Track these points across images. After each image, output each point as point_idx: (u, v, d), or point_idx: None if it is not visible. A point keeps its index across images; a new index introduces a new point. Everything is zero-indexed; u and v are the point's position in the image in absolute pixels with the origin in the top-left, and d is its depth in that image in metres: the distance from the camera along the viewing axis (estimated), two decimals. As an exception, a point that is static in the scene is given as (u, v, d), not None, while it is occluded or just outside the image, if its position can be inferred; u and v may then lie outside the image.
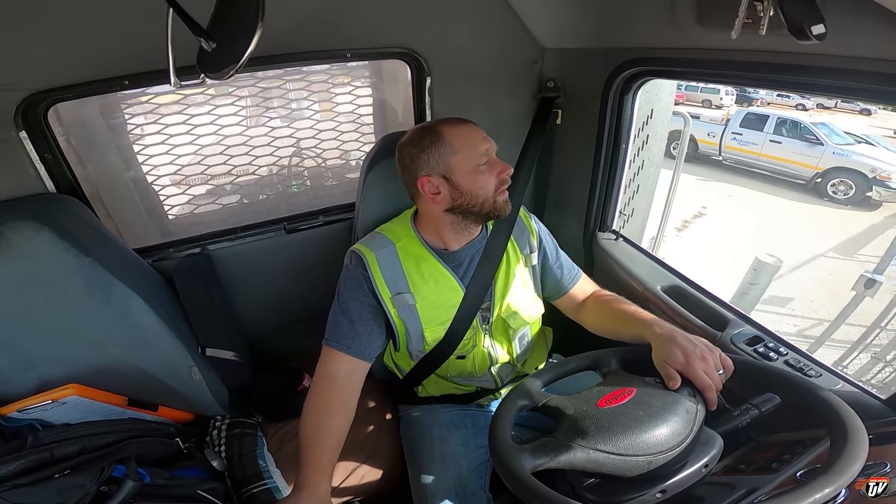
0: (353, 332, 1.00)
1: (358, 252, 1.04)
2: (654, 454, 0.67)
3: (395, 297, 1.02)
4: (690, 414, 0.71)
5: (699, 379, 0.76)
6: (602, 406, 0.73)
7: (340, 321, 1.01)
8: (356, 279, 1.03)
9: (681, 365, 0.77)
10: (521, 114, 1.53)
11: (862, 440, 0.59)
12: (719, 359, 0.79)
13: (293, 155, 1.82)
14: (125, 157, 1.54)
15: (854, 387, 0.91)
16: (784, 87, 0.99)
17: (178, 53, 0.56)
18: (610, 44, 1.26)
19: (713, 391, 0.75)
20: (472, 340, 1.11)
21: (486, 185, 0.98)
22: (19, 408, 0.94)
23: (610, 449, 0.67)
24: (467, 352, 1.12)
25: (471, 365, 1.13)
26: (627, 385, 0.77)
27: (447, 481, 1.05)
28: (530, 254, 1.14)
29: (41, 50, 0.99)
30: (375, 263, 1.02)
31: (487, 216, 1.02)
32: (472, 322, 1.08)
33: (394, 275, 1.03)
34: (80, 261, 1.00)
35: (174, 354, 1.13)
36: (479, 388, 1.20)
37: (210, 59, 0.54)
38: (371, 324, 1.02)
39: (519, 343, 1.16)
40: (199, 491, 0.96)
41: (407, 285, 1.03)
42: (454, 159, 0.96)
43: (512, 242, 1.12)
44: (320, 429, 0.91)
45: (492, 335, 1.13)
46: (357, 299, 1.02)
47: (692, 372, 0.76)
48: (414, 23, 1.32)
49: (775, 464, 0.72)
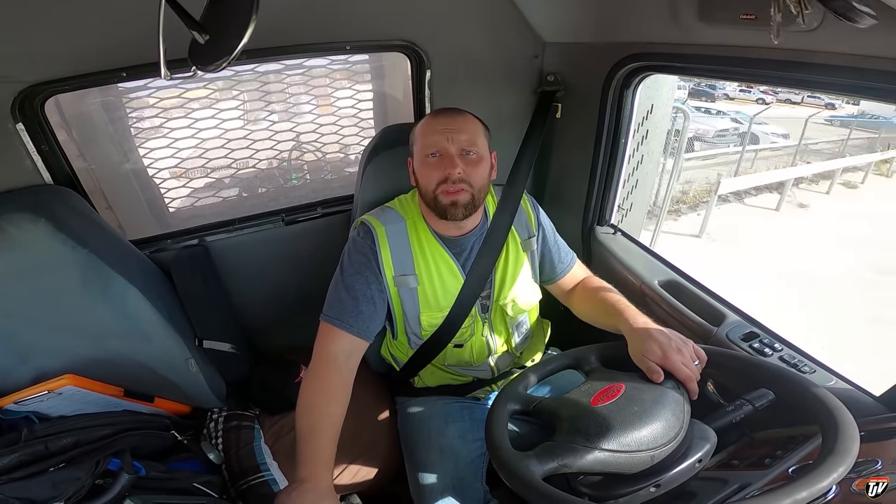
0: (356, 310, 0.97)
1: (367, 224, 1.02)
2: (656, 448, 0.67)
3: (398, 277, 1.01)
4: (679, 405, 0.73)
5: (679, 371, 0.77)
6: (596, 404, 0.74)
7: (343, 297, 0.98)
8: (363, 252, 1.01)
9: (658, 358, 0.79)
10: (521, 108, 1.52)
11: (853, 437, 0.60)
12: (693, 350, 0.82)
13: (293, 149, 1.81)
14: (126, 149, 1.54)
15: (847, 384, 0.91)
16: (787, 83, 0.99)
17: (176, 45, 0.55)
18: (611, 38, 1.26)
19: (693, 381, 0.78)
20: (470, 329, 1.11)
21: (428, 177, 0.97)
22: (15, 399, 0.94)
23: (614, 447, 0.67)
24: (465, 340, 1.12)
25: (469, 354, 1.13)
26: (614, 381, 0.78)
27: (444, 474, 1.05)
28: (528, 238, 1.14)
29: (38, 42, 0.98)
30: (385, 238, 1.01)
31: (436, 212, 1.00)
32: (470, 310, 1.08)
33: (401, 253, 1.01)
34: (77, 252, 0.99)
35: (171, 346, 1.13)
36: (475, 378, 1.20)
37: (203, 52, 0.53)
38: (375, 301, 1.00)
39: (517, 331, 1.16)
40: (195, 484, 0.96)
41: (412, 266, 1.02)
42: (416, 147, 1.02)
43: (511, 229, 1.12)
44: (320, 417, 0.90)
45: (491, 324, 1.13)
46: (362, 274, 1.00)
47: (671, 364, 0.78)
48: (414, 15, 1.31)
49: (768, 460, 0.72)
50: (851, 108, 13.74)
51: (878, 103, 5.44)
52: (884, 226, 6.59)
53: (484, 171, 1.00)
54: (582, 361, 0.89)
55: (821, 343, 1.78)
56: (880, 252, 5.83)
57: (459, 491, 1.03)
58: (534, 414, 0.80)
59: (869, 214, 7.27)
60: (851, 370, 0.93)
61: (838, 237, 6.41)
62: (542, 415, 0.79)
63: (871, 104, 11.19)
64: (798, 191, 8.25)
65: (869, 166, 9.35)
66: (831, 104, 14.33)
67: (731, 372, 0.84)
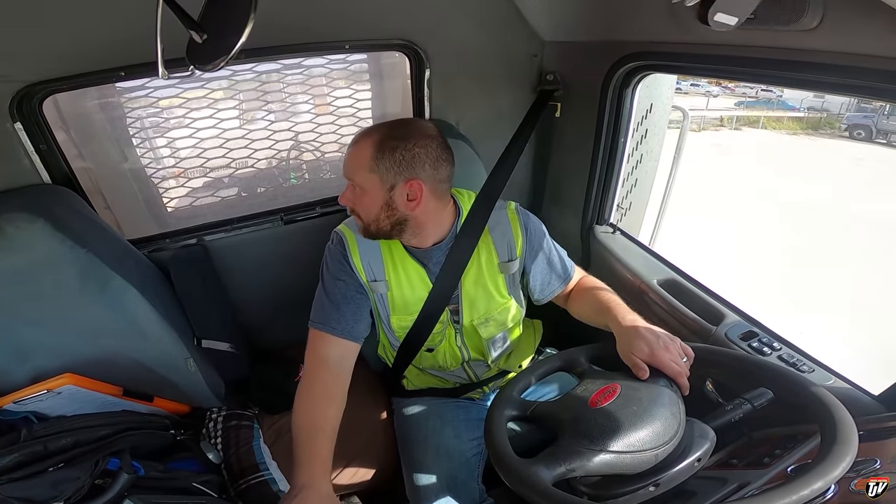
0: (338, 314, 0.99)
1: (339, 232, 1.05)
2: (658, 447, 0.67)
3: (371, 283, 1.03)
4: (675, 403, 0.73)
5: (668, 367, 0.78)
6: (594, 406, 0.74)
7: (324, 302, 1.01)
8: (337, 259, 1.03)
9: (646, 356, 0.79)
10: (520, 106, 1.52)
11: (852, 436, 0.59)
12: (680, 347, 0.82)
13: (291, 148, 1.81)
14: (124, 149, 1.53)
15: (846, 383, 0.91)
16: (785, 83, 0.99)
17: (174, 45, 0.55)
18: (610, 37, 1.25)
19: (683, 377, 0.79)
20: (440, 335, 1.10)
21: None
22: (14, 399, 0.94)
23: (619, 448, 0.67)
24: (436, 345, 1.12)
25: (441, 359, 1.14)
26: (608, 381, 0.78)
27: (441, 474, 1.05)
28: (509, 261, 1.08)
29: (36, 41, 0.98)
30: (355, 244, 1.02)
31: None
32: (440, 317, 1.07)
33: (371, 260, 1.03)
34: (75, 252, 0.99)
35: (170, 346, 1.13)
36: (458, 383, 1.20)
37: (200, 51, 0.53)
38: (357, 303, 1.02)
39: (493, 347, 1.14)
40: (194, 483, 0.96)
41: (383, 273, 1.03)
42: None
43: (489, 246, 1.07)
44: (316, 420, 0.90)
45: (462, 334, 1.12)
46: (340, 279, 1.02)
47: (659, 361, 0.78)
48: (413, 14, 1.31)
49: (767, 459, 0.72)
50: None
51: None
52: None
53: (369, 203, 0.96)
54: (573, 363, 0.89)
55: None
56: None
57: (455, 490, 1.03)
58: (532, 419, 0.80)
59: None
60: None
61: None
62: (541, 420, 0.78)
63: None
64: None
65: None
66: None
67: (730, 371, 0.84)
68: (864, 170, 11.64)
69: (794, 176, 10.20)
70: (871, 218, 7.72)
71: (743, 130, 16.84)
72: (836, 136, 15.65)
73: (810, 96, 15.30)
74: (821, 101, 16.69)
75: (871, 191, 9.41)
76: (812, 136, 16.27)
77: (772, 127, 17.24)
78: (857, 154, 12.99)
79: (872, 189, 9.51)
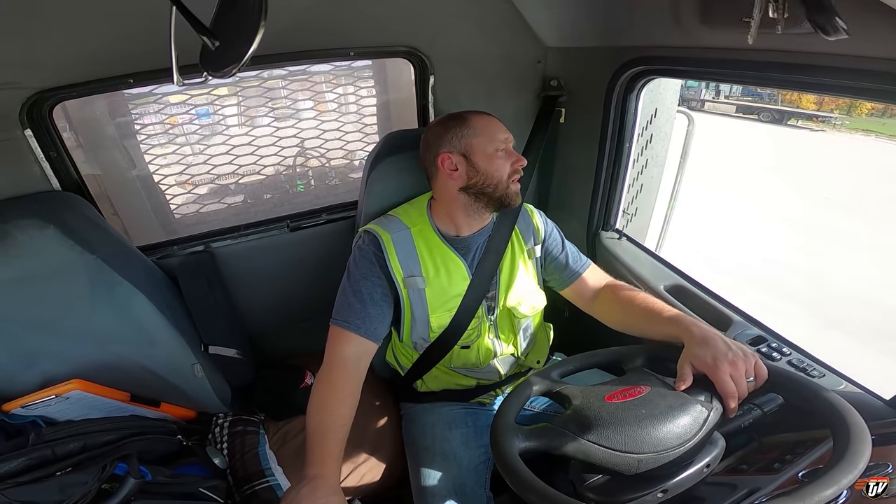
0: (364, 312, 1.00)
1: (372, 232, 1.05)
2: (646, 453, 0.66)
3: (407, 279, 1.03)
4: (697, 420, 0.69)
5: (723, 384, 0.73)
6: (608, 401, 0.73)
7: (351, 301, 1.01)
8: (368, 258, 1.03)
9: (707, 367, 0.75)
10: (525, 112, 1.53)
11: (865, 441, 0.59)
12: (753, 366, 0.75)
13: (297, 155, 1.82)
14: (132, 156, 1.55)
15: (857, 387, 0.90)
16: (792, 86, 0.99)
17: (182, 52, 0.56)
18: (614, 42, 1.26)
19: (734, 399, 0.72)
20: (476, 330, 1.12)
21: (502, 169, 1.03)
22: (23, 403, 0.95)
23: (602, 442, 0.67)
24: (472, 341, 1.13)
25: (475, 355, 1.14)
26: (642, 383, 0.76)
27: (448, 480, 1.05)
28: (534, 246, 1.17)
29: (46, 48, 0.99)
30: (391, 244, 1.03)
31: (499, 201, 1.04)
32: (476, 311, 1.09)
33: (408, 258, 1.04)
34: (84, 258, 1.00)
35: (177, 352, 1.14)
36: (479, 382, 1.20)
37: (213, 58, 0.53)
38: (381, 304, 1.03)
39: (522, 335, 1.17)
40: (200, 489, 0.96)
41: (420, 268, 1.04)
42: (476, 141, 1.03)
43: (517, 234, 1.14)
44: (331, 417, 0.91)
45: (496, 326, 1.14)
46: (369, 278, 1.03)
47: (717, 376, 0.73)
48: (417, 21, 1.32)
49: (777, 464, 0.72)
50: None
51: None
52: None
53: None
54: (626, 359, 0.87)
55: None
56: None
57: (462, 497, 1.03)
58: (553, 396, 0.81)
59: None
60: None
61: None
62: (559, 398, 0.79)
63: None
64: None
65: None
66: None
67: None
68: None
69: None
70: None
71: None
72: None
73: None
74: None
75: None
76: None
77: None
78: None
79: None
